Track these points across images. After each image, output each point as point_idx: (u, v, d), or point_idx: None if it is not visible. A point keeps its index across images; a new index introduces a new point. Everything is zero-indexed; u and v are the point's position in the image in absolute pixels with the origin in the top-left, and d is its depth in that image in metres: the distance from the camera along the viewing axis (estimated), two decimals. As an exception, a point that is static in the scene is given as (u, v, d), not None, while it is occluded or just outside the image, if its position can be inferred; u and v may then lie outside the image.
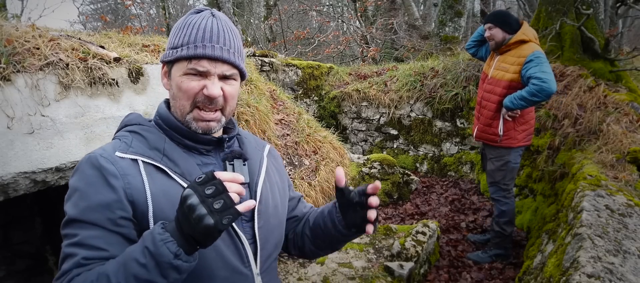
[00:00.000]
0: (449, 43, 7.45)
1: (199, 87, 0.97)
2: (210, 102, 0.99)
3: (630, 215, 2.32)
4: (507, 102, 2.94)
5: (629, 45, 8.37)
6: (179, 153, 1.01)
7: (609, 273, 1.77)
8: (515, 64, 2.94)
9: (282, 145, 3.72)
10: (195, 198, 0.78)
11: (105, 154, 0.94)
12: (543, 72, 2.77)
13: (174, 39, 1.01)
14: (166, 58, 1.01)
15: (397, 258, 2.87)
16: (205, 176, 0.81)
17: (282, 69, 5.95)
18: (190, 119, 1.00)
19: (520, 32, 2.95)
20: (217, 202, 0.79)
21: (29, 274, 3.47)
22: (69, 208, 0.90)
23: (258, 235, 1.06)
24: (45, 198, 3.40)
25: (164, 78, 1.06)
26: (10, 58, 2.11)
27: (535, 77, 2.77)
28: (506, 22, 2.99)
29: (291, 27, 13.59)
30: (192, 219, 0.78)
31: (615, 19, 6.08)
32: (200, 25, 0.98)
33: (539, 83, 2.75)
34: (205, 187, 0.79)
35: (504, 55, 3.04)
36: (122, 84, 2.58)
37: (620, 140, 3.24)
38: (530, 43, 2.94)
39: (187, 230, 0.80)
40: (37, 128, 2.14)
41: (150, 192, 0.92)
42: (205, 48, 0.96)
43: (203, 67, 0.96)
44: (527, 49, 2.90)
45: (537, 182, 3.76)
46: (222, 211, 0.79)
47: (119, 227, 0.89)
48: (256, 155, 1.16)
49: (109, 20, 12.40)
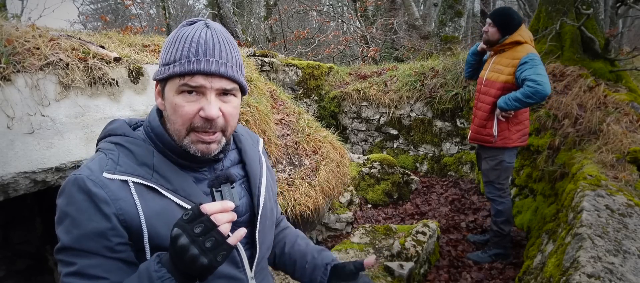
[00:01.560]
0: (449, 43, 7.45)
1: (196, 109, 0.90)
2: (210, 125, 0.91)
3: (630, 215, 2.32)
4: (501, 102, 2.94)
5: (629, 45, 8.37)
6: (170, 168, 0.95)
7: (609, 273, 1.77)
8: (510, 65, 2.93)
9: (282, 145, 3.72)
10: (185, 238, 0.76)
11: (92, 176, 0.87)
12: (538, 74, 2.77)
13: (165, 55, 0.93)
14: (158, 76, 0.94)
15: (397, 258, 2.87)
16: (192, 213, 0.77)
17: (282, 68, 5.95)
18: (188, 143, 0.92)
19: (516, 34, 2.95)
20: (208, 240, 0.76)
21: (29, 274, 3.47)
22: (62, 234, 0.86)
23: (258, 239, 1.06)
24: (46, 198, 3.40)
25: (158, 97, 0.97)
26: (10, 58, 2.11)
27: (530, 79, 2.77)
28: (506, 25, 2.97)
29: (291, 27, 13.59)
30: (185, 259, 0.76)
31: (615, 19, 6.08)
32: (193, 38, 0.90)
33: (534, 85, 2.75)
34: (193, 225, 0.76)
35: (499, 57, 3.04)
36: (122, 83, 2.58)
37: (620, 140, 3.24)
38: (525, 45, 2.93)
39: (182, 269, 0.78)
40: (37, 128, 2.14)
41: (144, 216, 0.88)
42: (199, 63, 0.88)
43: (197, 83, 0.88)
44: (521, 51, 2.89)
45: (537, 182, 3.76)
46: (213, 249, 0.77)
47: (117, 253, 0.86)
48: (254, 155, 1.13)
49: (109, 20, 12.40)
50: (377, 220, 4.23)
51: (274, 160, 3.46)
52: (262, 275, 1.12)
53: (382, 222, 4.18)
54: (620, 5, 5.95)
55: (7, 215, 3.40)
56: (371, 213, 4.32)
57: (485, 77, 3.13)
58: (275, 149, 3.53)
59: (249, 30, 10.80)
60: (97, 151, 0.97)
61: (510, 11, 3.06)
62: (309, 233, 3.98)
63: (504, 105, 2.92)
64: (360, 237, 3.15)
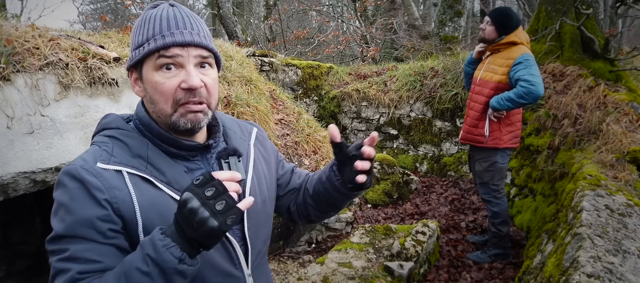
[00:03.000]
0: (448, 43, 7.45)
1: (177, 83, 0.90)
2: (193, 95, 0.90)
3: (630, 215, 2.32)
4: (494, 102, 2.93)
5: (629, 45, 8.37)
6: (164, 159, 0.95)
7: (609, 273, 1.77)
8: (504, 65, 2.93)
9: (282, 145, 3.72)
10: (196, 201, 0.76)
11: (86, 166, 0.87)
12: (531, 75, 2.76)
13: (136, 38, 0.93)
14: (133, 61, 0.93)
15: (397, 258, 2.87)
16: (203, 177, 0.78)
17: (282, 68, 5.95)
18: (176, 118, 0.91)
19: (513, 34, 2.94)
20: (218, 203, 0.78)
21: (29, 274, 3.47)
22: (56, 223, 0.86)
23: (248, 236, 1.04)
24: (45, 198, 3.40)
25: (135, 85, 0.97)
26: (10, 58, 2.11)
27: (523, 79, 2.76)
28: (504, 25, 2.97)
29: (291, 27, 13.58)
30: (194, 223, 0.76)
31: (615, 19, 6.08)
32: (161, 16, 0.91)
33: (527, 85, 2.74)
34: (205, 188, 0.78)
35: (494, 57, 3.03)
36: (121, 83, 2.58)
37: (620, 140, 3.24)
38: (521, 46, 2.92)
39: (189, 234, 0.78)
40: (37, 128, 2.14)
41: (138, 205, 0.88)
42: (173, 35, 0.89)
43: (174, 53, 0.89)
44: (516, 51, 2.89)
45: (537, 181, 3.76)
46: (224, 212, 0.78)
47: (110, 238, 0.85)
48: (242, 148, 1.11)
49: (109, 20, 12.38)
50: (377, 220, 4.23)
51: (273, 160, 3.46)
52: (260, 272, 1.11)
53: (382, 221, 4.18)
54: (620, 5, 5.96)
55: (7, 215, 3.40)
56: (371, 213, 4.32)
57: (479, 77, 3.13)
58: (275, 149, 3.53)
59: (248, 30, 10.80)
60: (92, 145, 0.97)
61: (509, 11, 3.05)
62: (309, 233, 3.99)
63: (496, 105, 2.92)
64: (360, 236, 3.15)
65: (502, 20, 2.97)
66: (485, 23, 3.06)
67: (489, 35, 3.02)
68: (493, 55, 3.07)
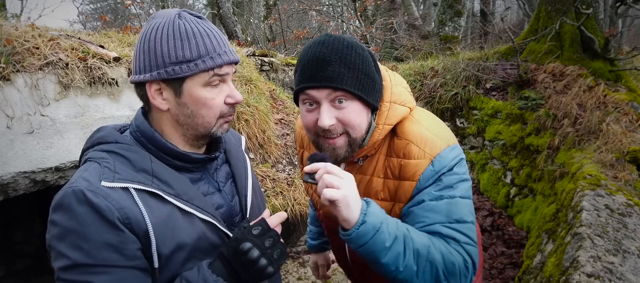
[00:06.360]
0: (448, 43, 7.45)
1: (223, 98, 0.96)
2: (234, 109, 1.00)
3: (630, 215, 2.32)
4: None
5: (629, 45, 8.37)
6: (169, 172, 0.93)
7: (609, 273, 1.77)
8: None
9: (282, 145, 3.72)
10: (256, 251, 0.87)
11: (91, 187, 0.82)
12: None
13: (179, 52, 0.89)
14: (175, 75, 0.89)
15: (396, 257, 2.86)
16: (261, 228, 0.89)
17: (281, 68, 5.95)
18: (216, 129, 0.97)
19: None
20: (275, 251, 0.90)
21: (29, 274, 3.47)
22: (68, 251, 0.80)
23: None
24: (45, 198, 3.40)
25: (157, 97, 0.92)
26: (10, 58, 2.11)
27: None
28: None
29: (291, 26, 13.58)
30: (253, 270, 0.87)
31: (615, 19, 6.08)
32: (202, 33, 0.91)
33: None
34: (264, 239, 0.88)
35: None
36: (121, 83, 2.58)
37: (619, 140, 3.24)
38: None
39: (244, 277, 0.88)
40: (37, 128, 2.14)
41: (151, 225, 0.86)
42: (226, 54, 0.94)
43: (226, 72, 0.95)
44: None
45: (536, 181, 3.76)
46: (279, 258, 0.90)
47: (133, 259, 0.84)
48: (239, 154, 1.14)
49: (109, 20, 12.38)
50: (376, 219, 4.22)
51: (273, 159, 3.46)
52: None
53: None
54: (620, 5, 5.96)
55: (7, 215, 3.40)
56: (371, 213, 4.31)
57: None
58: (275, 149, 3.53)
59: (248, 29, 10.80)
60: (87, 161, 0.91)
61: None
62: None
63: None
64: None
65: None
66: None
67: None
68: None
